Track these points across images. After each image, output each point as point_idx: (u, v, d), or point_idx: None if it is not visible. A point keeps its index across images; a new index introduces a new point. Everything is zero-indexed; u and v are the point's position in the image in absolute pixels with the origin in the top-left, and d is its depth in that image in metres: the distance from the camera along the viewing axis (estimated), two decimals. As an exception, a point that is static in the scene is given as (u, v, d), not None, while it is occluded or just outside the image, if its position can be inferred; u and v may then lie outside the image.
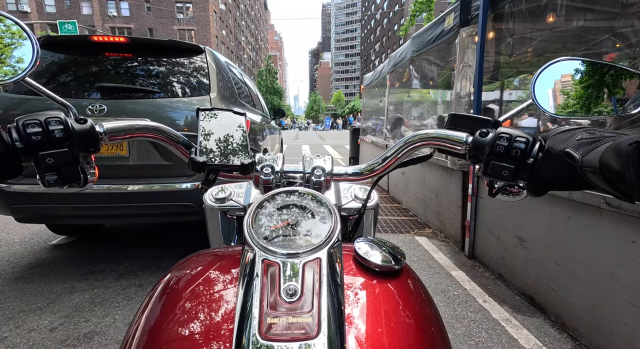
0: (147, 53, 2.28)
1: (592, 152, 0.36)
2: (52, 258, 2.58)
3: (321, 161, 0.55)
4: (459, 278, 2.36)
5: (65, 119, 0.42)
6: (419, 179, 3.88)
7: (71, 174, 0.43)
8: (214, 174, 0.54)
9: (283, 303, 0.32)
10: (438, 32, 3.35)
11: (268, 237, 0.38)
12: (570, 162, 0.37)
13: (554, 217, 1.80)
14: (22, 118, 0.40)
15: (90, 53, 2.28)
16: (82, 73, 2.26)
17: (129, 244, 2.91)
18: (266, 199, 0.42)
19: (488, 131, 0.46)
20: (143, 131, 0.52)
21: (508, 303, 2.03)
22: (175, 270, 0.46)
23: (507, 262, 2.24)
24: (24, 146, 0.40)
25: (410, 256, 2.76)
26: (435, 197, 3.41)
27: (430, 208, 3.54)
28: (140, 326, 0.38)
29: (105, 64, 2.30)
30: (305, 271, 0.35)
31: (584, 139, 0.38)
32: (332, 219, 0.40)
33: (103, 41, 2.26)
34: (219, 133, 0.54)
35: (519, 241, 2.11)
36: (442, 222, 3.28)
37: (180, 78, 2.28)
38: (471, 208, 2.63)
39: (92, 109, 1.98)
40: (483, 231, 2.56)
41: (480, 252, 2.61)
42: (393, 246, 0.46)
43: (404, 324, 0.38)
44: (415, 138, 0.53)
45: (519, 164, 0.42)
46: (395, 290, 0.41)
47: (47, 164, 0.40)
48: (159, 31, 36.58)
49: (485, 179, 0.47)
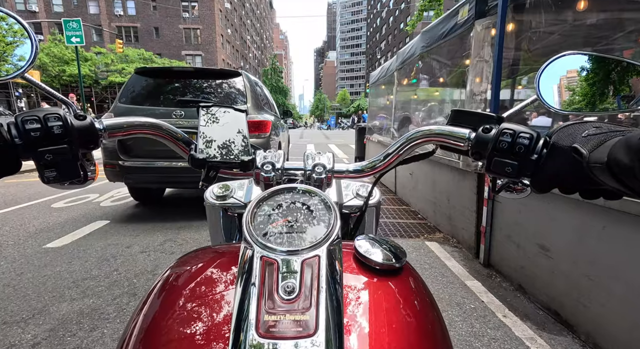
0: (206, 77, 3.48)
1: (600, 148, 0.34)
2: (44, 263, 2.46)
3: (322, 158, 0.54)
4: (475, 288, 2.19)
5: (65, 115, 0.41)
6: (428, 180, 3.70)
7: (70, 171, 0.42)
8: (214, 171, 0.53)
9: (281, 300, 0.32)
10: (450, 25, 3.17)
11: (267, 235, 0.37)
12: (577, 158, 0.36)
13: (586, 226, 1.62)
14: (21, 114, 0.40)
15: (171, 77, 3.53)
16: (168, 91, 3.43)
17: (124, 252, 2.79)
18: (265, 196, 0.41)
19: (491, 127, 0.44)
20: (142, 128, 0.52)
21: (531, 318, 1.86)
22: (175, 267, 0.46)
23: (528, 272, 2.07)
24: (22, 142, 0.39)
25: (422, 263, 2.59)
26: (446, 200, 3.23)
27: (441, 211, 3.37)
28: (139, 322, 0.38)
29: (181, 85, 3.50)
30: (304, 268, 0.34)
31: (591, 135, 0.36)
32: (332, 216, 0.39)
33: (179, 70, 3.63)
34: (219, 130, 0.53)
35: (542, 250, 1.94)
36: (453, 227, 3.11)
37: (227, 92, 3.48)
38: (487, 213, 2.46)
39: (176, 114, 3.08)
40: (500, 237, 2.38)
41: (497, 260, 2.43)
42: (394, 244, 0.45)
43: (404, 323, 0.37)
44: (418, 135, 0.52)
45: (522, 161, 0.41)
46: (395, 288, 0.41)
47: (46, 160, 0.40)
48: (164, 30, 36.67)
49: (489, 175, 0.45)
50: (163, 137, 0.54)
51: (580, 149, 0.36)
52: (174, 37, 37.23)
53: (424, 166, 3.87)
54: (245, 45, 55.68)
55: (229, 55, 43.21)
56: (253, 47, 64.46)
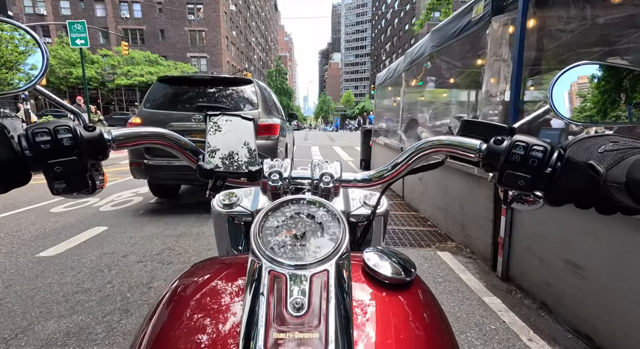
0: (222, 84, 3.85)
1: (618, 166, 0.33)
2: (35, 274, 2.34)
3: (330, 167, 0.53)
4: (494, 306, 2.02)
5: (74, 127, 0.41)
6: (439, 185, 3.53)
7: (80, 182, 0.42)
8: (222, 180, 0.53)
9: (290, 317, 0.31)
10: (463, 24, 3.00)
11: (275, 248, 0.37)
12: (593, 176, 0.35)
13: (629, 245, 1.44)
14: (31, 127, 0.40)
15: (191, 84, 3.89)
16: (187, 97, 3.77)
17: (119, 262, 2.66)
18: (273, 208, 0.41)
19: (503, 139, 0.43)
20: (151, 138, 0.52)
21: (560, 342, 1.68)
22: (183, 278, 0.45)
23: (555, 290, 1.89)
24: (33, 155, 0.39)
25: (434, 275, 2.42)
26: (458, 207, 3.06)
27: (453, 218, 3.20)
28: (147, 335, 0.38)
29: (199, 91, 3.83)
30: (312, 283, 0.33)
31: (607, 150, 0.35)
32: (341, 229, 0.38)
33: (197, 78, 3.99)
34: (227, 139, 0.53)
35: (570, 267, 1.76)
36: (467, 236, 2.93)
37: (241, 98, 3.82)
38: (505, 222, 2.29)
39: (195, 118, 3.34)
40: (520, 249, 2.21)
41: (517, 274, 2.26)
42: (403, 256, 0.44)
43: (415, 340, 0.36)
44: (427, 145, 0.51)
45: (536, 174, 0.40)
46: (406, 303, 0.40)
47: (56, 172, 0.40)
48: (170, 32, 36.90)
49: (500, 188, 0.45)
50: (171, 147, 0.53)
51: (596, 167, 0.34)
52: (180, 39, 37.43)
53: (434, 171, 3.69)
54: (250, 47, 55.83)
55: (233, 57, 43.33)
56: (258, 49, 64.64)
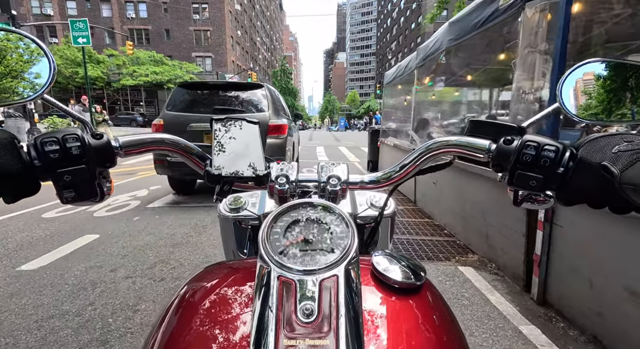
0: (236, 89, 4.26)
1: (634, 167, 0.32)
2: (10, 292, 2.09)
3: (337, 169, 0.52)
4: (534, 338, 1.72)
5: (82, 135, 0.41)
6: (456, 190, 3.24)
7: (89, 191, 0.43)
8: (229, 185, 0.52)
9: (300, 323, 0.31)
10: (488, 13, 2.70)
11: (283, 253, 0.36)
12: (607, 177, 0.34)
13: None
14: (40, 136, 0.40)
15: (208, 89, 4.32)
16: (205, 100, 4.17)
17: (106, 277, 2.41)
18: (280, 212, 0.40)
19: (513, 138, 0.43)
20: (158, 144, 0.52)
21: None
22: (191, 284, 0.45)
23: (611, 323, 1.60)
24: (42, 164, 0.40)
25: (458, 296, 2.13)
26: (480, 216, 2.77)
27: (473, 227, 2.90)
28: (157, 341, 0.37)
29: (216, 95, 4.22)
30: (322, 289, 0.33)
31: (622, 151, 0.34)
32: (349, 233, 0.38)
33: (214, 83, 4.49)
34: (233, 143, 0.52)
35: (633, 297, 1.47)
36: (492, 248, 2.64)
37: (253, 101, 4.14)
38: (543, 238, 1.99)
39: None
40: (561, 269, 1.91)
41: (557, 298, 1.96)
42: (413, 260, 0.44)
43: (427, 344, 0.36)
44: (435, 145, 0.50)
45: (547, 174, 0.40)
46: (416, 308, 0.39)
47: (65, 181, 0.40)
48: (175, 32, 36.89)
49: (510, 188, 0.44)
50: (178, 153, 0.53)
51: (610, 168, 0.34)
52: (185, 39, 37.39)
53: (450, 174, 3.42)
54: (255, 47, 55.71)
55: (238, 57, 43.23)
56: (263, 48, 64.53)
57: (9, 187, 0.38)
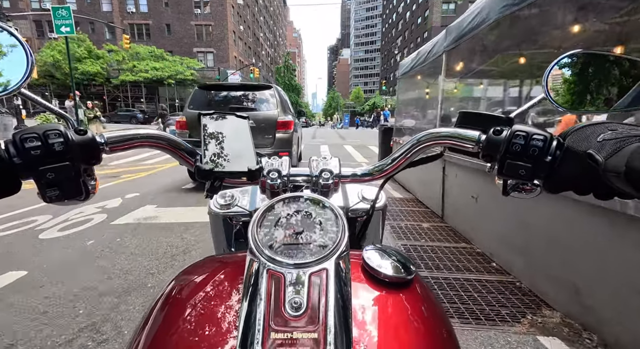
0: (248, 89, 5.05)
1: (618, 155, 0.33)
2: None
3: (328, 163, 0.53)
4: None
5: (65, 131, 0.39)
6: (511, 211, 2.37)
7: (73, 189, 0.41)
8: (220, 181, 0.51)
9: (288, 317, 0.31)
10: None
11: (273, 246, 0.36)
12: (592, 165, 0.35)
13: None
14: (19, 132, 0.38)
15: (224, 90, 5.09)
16: (222, 99, 4.95)
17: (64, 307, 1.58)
18: (271, 206, 0.41)
19: (502, 129, 0.43)
20: (145, 140, 0.49)
21: None
22: (179, 278, 0.45)
23: None
24: (22, 162, 0.38)
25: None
26: (558, 256, 1.90)
27: (542, 265, 2.04)
28: (144, 336, 0.37)
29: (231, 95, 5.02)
30: (311, 282, 0.33)
31: (607, 139, 0.35)
32: (340, 227, 0.38)
33: (229, 85, 5.45)
34: (223, 139, 0.51)
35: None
36: (582, 306, 1.77)
37: (263, 100, 4.91)
38: None
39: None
40: None
41: None
42: (403, 254, 0.44)
43: (415, 338, 0.36)
44: (426, 137, 0.51)
45: (536, 163, 0.40)
46: (406, 302, 0.39)
47: (48, 179, 0.38)
48: (176, 27, 36.09)
49: (500, 178, 0.45)
50: (166, 148, 0.51)
51: (595, 156, 0.35)
52: (186, 34, 36.59)
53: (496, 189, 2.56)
54: (258, 43, 54.74)
55: (241, 53, 42.36)
56: (266, 44, 63.54)
57: None
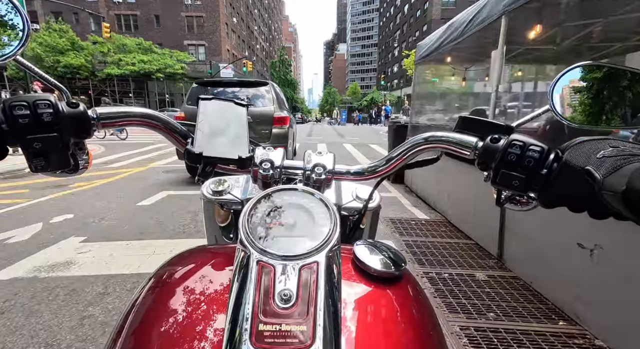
0: (246, 85, 5.18)
1: (617, 173, 0.32)
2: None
3: (322, 158, 0.52)
4: None
5: (56, 102, 0.40)
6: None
7: (60, 161, 0.41)
8: (211, 166, 0.51)
9: (277, 308, 0.30)
10: None
11: (264, 238, 0.36)
12: (589, 182, 0.34)
13: None
14: (9, 99, 0.38)
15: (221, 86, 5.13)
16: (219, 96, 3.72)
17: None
18: (264, 196, 0.40)
19: (500, 137, 0.42)
20: (138, 118, 0.49)
21: None
22: (167, 267, 0.44)
23: None
24: (10, 129, 0.38)
25: None
26: None
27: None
28: (127, 326, 0.37)
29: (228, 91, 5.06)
30: (301, 275, 0.33)
31: (606, 156, 0.34)
32: (332, 221, 0.37)
33: (227, 81, 5.38)
34: (218, 124, 0.51)
35: None
36: None
37: (260, 96, 5.06)
38: None
39: None
40: None
41: None
42: (394, 250, 0.44)
43: (403, 333, 0.37)
44: (423, 140, 0.50)
45: (530, 175, 0.40)
46: (394, 297, 0.40)
47: (35, 148, 0.39)
48: (165, 18, 34.36)
49: (494, 187, 0.44)
50: (158, 128, 0.51)
51: (593, 173, 0.33)
52: (176, 25, 34.89)
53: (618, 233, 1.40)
54: (252, 36, 52.99)
55: (234, 46, 40.71)
56: (260, 38, 61.73)
57: None
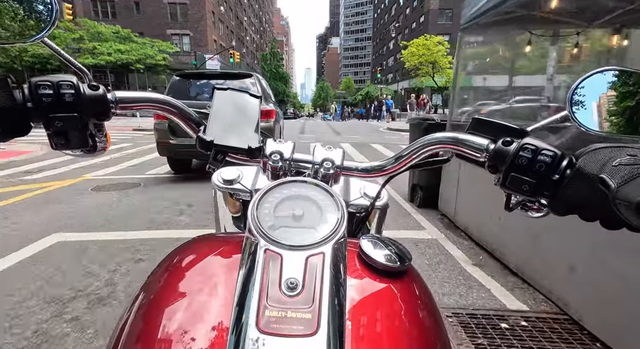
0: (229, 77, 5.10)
1: (633, 183, 0.30)
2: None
3: (331, 153, 0.53)
4: None
5: (78, 83, 0.41)
6: None
7: (79, 140, 0.43)
8: (222, 154, 0.51)
9: (283, 296, 0.31)
10: None
11: (272, 227, 0.37)
12: (603, 190, 0.32)
13: None
14: (35, 79, 0.40)
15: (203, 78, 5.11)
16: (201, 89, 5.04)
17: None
18: (273, 187, 0.42)
19: (512, 140, 0.42)
20: (154, 103, 0.51)
21: None
22: (176, 254, 0.45)
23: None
24: (34, 106, 0.40)
25: None
26: None
27: None
28: (134, 311, 0.38)
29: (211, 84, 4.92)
30: (307, 265, 0.34)
31: (622, 164, 0.33)
32: (339, 213, 0.39)
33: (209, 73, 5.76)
34: (231, 114, 0.52)
35: None
36: None
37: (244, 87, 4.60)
38: None
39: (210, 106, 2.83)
40: None
41: None
42: (400, 245, 0.44)
43: (406, 327, 0.37)
44: (434, 140, 0.50)
45: (541, 180, 0.39)
46: (398, 292, 0.40)
47: (56, 127, 0.41)
48: (146, 5, 31.90)
49: (504, 191, 0.43)
50: (173, 114, 0.52)
51: (607, 181, 0.32)
52: (158, 13, 32.45)
53: None
54: (241, 27, 50.53)
55: (222, 36, 38.39)
56: (251, 29, 59.20)
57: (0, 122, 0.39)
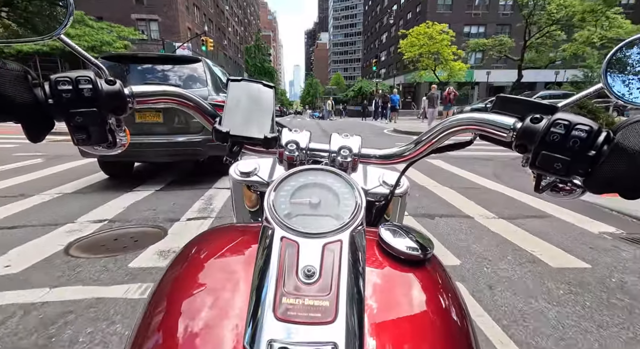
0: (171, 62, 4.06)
1: None
2: None
3: (349, 141, 0.51)
4: None
5: (95, 79, 0.41)
6: None
7: (99, 135, 0.43)
8: (238, 146, 0.50)
9: (300, 283, 0.31)
10: None
11: (289, 215, 0.36)
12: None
13: None
14: (55, 75, 0.40)
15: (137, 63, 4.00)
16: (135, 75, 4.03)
17: None
18: (290, 175, 0.41)
19: (542, 117, 0.38)
20: (170, 97, 0.51)
21: None
22: (195, 243, 0.45)
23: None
24: (55, 103, 0.40)
25: None
26: None
27: None
28: (156, 299, 0.38)
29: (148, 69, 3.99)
30: (325, 252, 0.33)
31: None
32: (357, 201, 0.38)
33: (143, 56, 4.09)
34: (246, 104, 0.51)
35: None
36: None
37: (191, 76, 4.02)
38: None
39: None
40: None
41: None
42: (421, 234, 0.42)
43: (428, 317, 0.35)
44: (455, 122, 0.46)
45: (576, 157, 0.35)
46: (419, 280, 0.38)
47: (77, 122, 0.41)
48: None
49: (533, 172, 0.40)
50: (189, 107, 0.52)
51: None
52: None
53: None
54: (222, 17, 46.30)
55: (197, 24, 34.19)
56: (233, 20, 54.90)
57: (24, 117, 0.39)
